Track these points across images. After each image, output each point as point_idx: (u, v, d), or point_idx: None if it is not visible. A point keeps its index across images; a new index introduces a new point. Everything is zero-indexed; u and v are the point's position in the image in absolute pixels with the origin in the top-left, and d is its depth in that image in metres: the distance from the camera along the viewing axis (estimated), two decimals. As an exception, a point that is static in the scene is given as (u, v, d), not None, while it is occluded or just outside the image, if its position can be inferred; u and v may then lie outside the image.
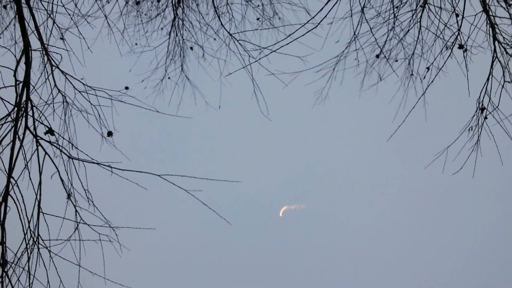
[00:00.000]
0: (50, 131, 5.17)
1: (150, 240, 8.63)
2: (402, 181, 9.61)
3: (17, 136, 5.33)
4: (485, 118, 6.28)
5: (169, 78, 7.35)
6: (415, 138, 8.79)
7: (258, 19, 7.04)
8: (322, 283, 9.75)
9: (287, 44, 5.71)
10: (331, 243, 9.89)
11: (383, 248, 9.75)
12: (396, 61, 6.69)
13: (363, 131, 9.43)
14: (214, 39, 7.00)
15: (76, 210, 5.63)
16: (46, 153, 5.45)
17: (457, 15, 6.14)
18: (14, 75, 5.36)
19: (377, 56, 6.58)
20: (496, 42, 5.99)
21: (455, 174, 6.45)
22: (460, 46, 6.07)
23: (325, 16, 5.68)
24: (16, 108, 5.33)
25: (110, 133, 5.93)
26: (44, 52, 5.61)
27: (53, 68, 5.62)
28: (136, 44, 7.15)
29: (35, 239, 5.41)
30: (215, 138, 9.34)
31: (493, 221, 9.43)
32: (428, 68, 6.37)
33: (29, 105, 5.47)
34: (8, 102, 5.18)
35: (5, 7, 6.01)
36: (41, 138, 5.40)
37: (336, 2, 5.65)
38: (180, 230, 9.17)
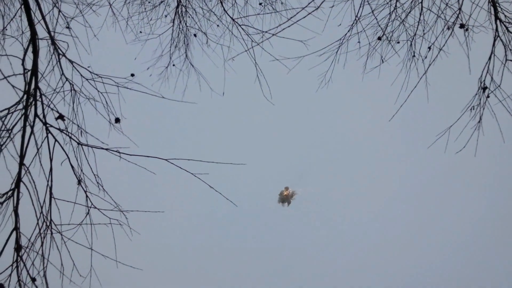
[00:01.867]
0: (61, 117, 5.27)
1: (159, 223, 8.79)
2: (405, 161, 9.67)
3: (27, 123, 5.44)
4: (487, 97, 6.28)
5: (173, 65, 7.42)
6: (417, 118, 8.84)
7: (260, 3, 7.06)
8: (326, 261, 9.91)
9: (289, 26, 5.76)
10: (334, 223, 10.01)
11: (386, 225, 9.86)
12: (398, 42, 6.71)
13: (366, 113, 9.48)
14: (217, 25, 7.05)
15: (86, 195, 5.73)
16: (56, 140, 5.55)
17: (458, -6, 6.13)
18: (22, 64, 5.45)
19: (379, 38, 6.60)
20: (498, 21, 5.98)
21: (457, 153, 6.49)
22: (462, 26, 6.08)
23: (327, -3, 5.72)
24: (25, 96, 5.43)
25: (117, 120, 6.02)
26: (51, 41, 5.70)
27: (60, 56, 5.71)
28: (140, 32, 7.21)
29: (48, 224, 5.55)
30: (220, 123, 9.43)
31: (495, 199, 9.50)
32: (429, 48, 6.38)
33: (38, 93, 5.57)
34: (19, 88, 5.29)
35: (11, -3, 6.09)
36: (51, 126, 5.50)
37: (337, -15, 5.68)
38: (188, 213, 9.32)
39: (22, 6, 5.68)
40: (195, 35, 7.27)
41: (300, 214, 9.99)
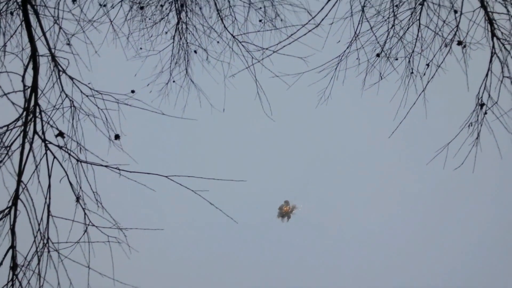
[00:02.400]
0: (60, 134, 5.26)
1: (158, 240, 8.70)
2: (405, 177, 9.71)
3: (26, 140, 5.41)
4: (485, 113, 6.35)
5: (174, 81, 7.43)
6: (416, 135, 8.90)
7: (260, 21, 7.13)
8: (327, 279, 9.83)
9: (289, 44, 5.83)
10: (335, 239, 9.97)
11: (386, 242, 9.83)
12: (396, 59, 6.77)
13: (366, 129, 9.53)
14: (218, 42, 7.09)
15: (85, 213, 5.69)
16: (54, 157, 5.53)
17: (455, 12, 6.24)
18: (22, 81, 5.45)
19: (378, 55, 6.66)
20: (495, 38, 6.08)
21: (456, 169, 6.54)
22: (459, 43, 6.17)
23: (326, 16, 5.80)
24: (25, 113, 5.41)
25: (117, 136, 6.01)
26: (51, 57, 5.70)
27: (60, 73, 5.70)
28: (141, 48, 7.24)
29: (45, 242, 5.48)
30: (220, 139, 9.43)
31: (493, 215, 9.54)
32: (428, 65, 6.46)
33: (38, 110, 5.55)
34: (19, 105, 5.28)
35: (11, 13, 6.10)
36: (50, 143, 5.48)
37: (336, 2, 5.77)
38: (187, 230, 9.23)
39: (23, 23, 5.69)
40: (195, 51, 7.30)
41: (300, 229, 9.95)
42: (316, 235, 9.97)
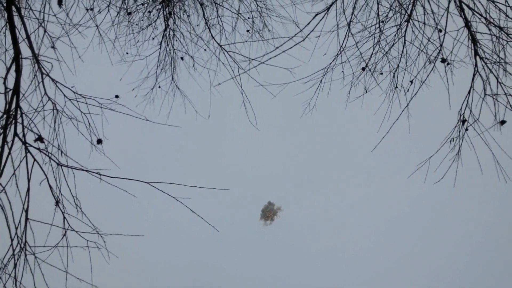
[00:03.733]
0: (39, 139, 5.21)
1: (138, 247, 8.66)
2: (386, 190, 9.81)
3: (5, 143, 5.35)
4: (466, 129, 6.45)
5: (159, 87, 7.41)
6: (398, 148, 9.02)
7: (248, 31, 7.15)
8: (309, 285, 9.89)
9: (276, 56, 5.86)
10: (315, 249, 10.03)
11: (366, 253, 9.92)
12: (381, 74, 6.85)
13: (349, 141, 9.62)
14: (205, 49, 7.09)
15: (64, 217, 5.65)
16: (35, 160, 5.47)
17: (439, 31, 6.34)
18: (4, 83, 5.38)
19: (363, 68, 6.73)
20: (478, 57, 6.18)
21: (436, 183, 6.64)
22: (443, 60, 6.26)
23: (313, 29, 5.85)
24: (5, 115, 5.35)
25: (99, 141, 5.98)
26: (34, 60, 5.63)
27: (44, 76, 5.64)
28: (127, 53, 7.20)
29: (22, 246, 5.43)
30: (204, 147, 9.43)
31: (472, 228, 9.69)
32: (411, 81, 6.55)
33: (19, 112, 5.49)
34: (-1, 110, 5.21)
35: (-4, 15, 6.01)
36: (30, 145, 5.42)
37: (324, 17, 5.82)
38: (168, 237, 9.21)
39: (7, 24, 5.61)
40: (182, 58, 7.29)
41: (282, 238, 9.98)
42: (297, 244, 10.03)
